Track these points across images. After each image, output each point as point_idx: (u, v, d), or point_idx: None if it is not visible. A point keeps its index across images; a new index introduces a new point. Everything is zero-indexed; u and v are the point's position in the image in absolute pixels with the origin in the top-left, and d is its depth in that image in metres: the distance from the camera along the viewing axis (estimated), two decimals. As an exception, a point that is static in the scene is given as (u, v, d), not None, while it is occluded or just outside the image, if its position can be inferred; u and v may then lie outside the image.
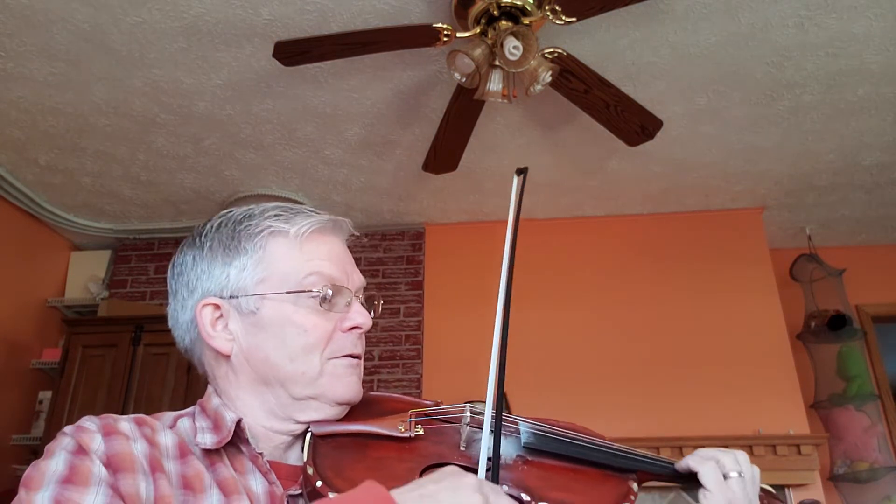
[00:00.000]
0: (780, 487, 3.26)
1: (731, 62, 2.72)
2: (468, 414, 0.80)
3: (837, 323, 3.67)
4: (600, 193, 3.74)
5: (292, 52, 2.28)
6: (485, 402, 0.74)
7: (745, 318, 3.60)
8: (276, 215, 0.85)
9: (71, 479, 0.68)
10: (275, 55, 2.28)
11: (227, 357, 0.83)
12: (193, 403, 0.86)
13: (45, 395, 3.61)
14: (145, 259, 4.06)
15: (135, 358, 3.36)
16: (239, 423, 0.78)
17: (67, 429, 0.74)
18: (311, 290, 0.81)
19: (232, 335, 0.82)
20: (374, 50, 2.37)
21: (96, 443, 0.72)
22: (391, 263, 3.93)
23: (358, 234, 0.91)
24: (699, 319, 3.62)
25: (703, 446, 3.14)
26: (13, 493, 0.69)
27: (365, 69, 2.74)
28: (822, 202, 3.77)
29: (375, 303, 0.90)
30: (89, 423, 0.75)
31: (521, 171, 0.81)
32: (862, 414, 3.65)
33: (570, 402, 3.43)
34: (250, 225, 0.84)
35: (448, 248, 3.97)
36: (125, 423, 0.76)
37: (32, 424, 3.61)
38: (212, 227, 0.86)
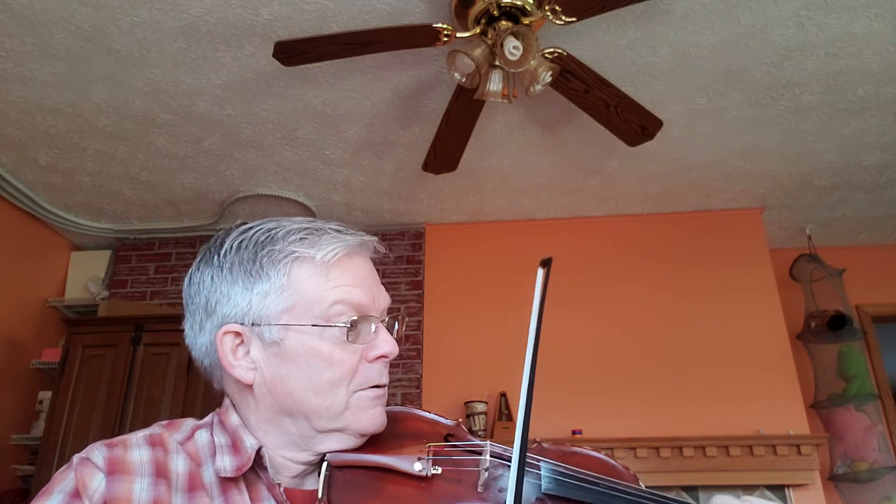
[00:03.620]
0: (780, 487, 3.26)
1: (731, 62, 2.72)
2: (488, 458, 0.79)
3: (837, 323, 3.67)
4: (600, 193, 3.74)
5: (292, 52, 2.28)
6: (504, 442, 0.72)
7: (745, 318, 3.60)
8: (300, 238, 0.80)
9: None
10: (275, 55, 2.28)
11: (249, 386, 0.80)
12: (193, 403, 0.86)
13: (45, 395, 3.60)
14: (145, 259, 4.05)
15: (135, 358, 3.36)
16: (259, 450, 0.77)
17: (75, 458, 0.73)
18: (337, 323, 0.79)
19: (254, 363, 0.80)
20: (374, 50, 2.37)
21: (95, 482, 0.71)
22: (391, 263, 3.93)
23: (385, 250, 0.88)
24: (699, 319, 3.62)
25: (704, 446, 3.15)
26: (13, 492, 0.70)
27: (365, 69, 2.74)
28: (822, 202, 3.77)
29: (399, 319, 0.86)
30: (97, 454, 0.73)
31: (546, 263, 0.72)
32: (862, 414, 3.65)
33: (570, 402, 3.43)
34: (273, 250, 0.80)
35: (448, 249, 3.97)
36: (136, 453, 0.75)
37: (32, 424, 3.61)
38: (231, 246, 0.82)
